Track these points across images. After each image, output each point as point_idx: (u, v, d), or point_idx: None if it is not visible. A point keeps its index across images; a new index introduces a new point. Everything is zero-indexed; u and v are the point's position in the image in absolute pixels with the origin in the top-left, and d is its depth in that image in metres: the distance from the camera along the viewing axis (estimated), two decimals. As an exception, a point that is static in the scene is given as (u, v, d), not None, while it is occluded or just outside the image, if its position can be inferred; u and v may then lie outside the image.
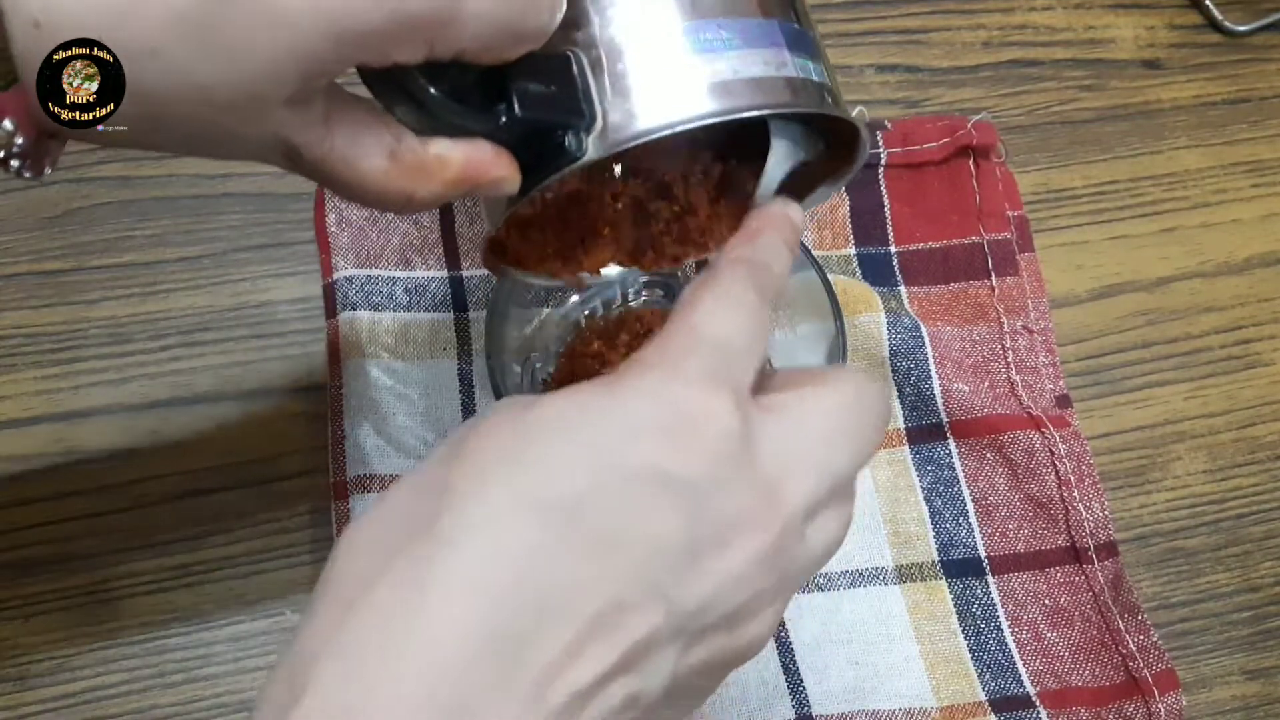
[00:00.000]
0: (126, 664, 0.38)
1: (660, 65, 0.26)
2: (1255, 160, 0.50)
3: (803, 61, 0.27)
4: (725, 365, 0.22)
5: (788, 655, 0.39)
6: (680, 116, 0.25)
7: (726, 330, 0.23)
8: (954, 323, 0.45)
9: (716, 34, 0.26)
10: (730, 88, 0.26)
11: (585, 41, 0.26)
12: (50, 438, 0.41)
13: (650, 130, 0.26)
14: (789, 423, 0.23)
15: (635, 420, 0.21)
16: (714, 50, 0.26)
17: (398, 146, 0.24)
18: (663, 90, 0.26)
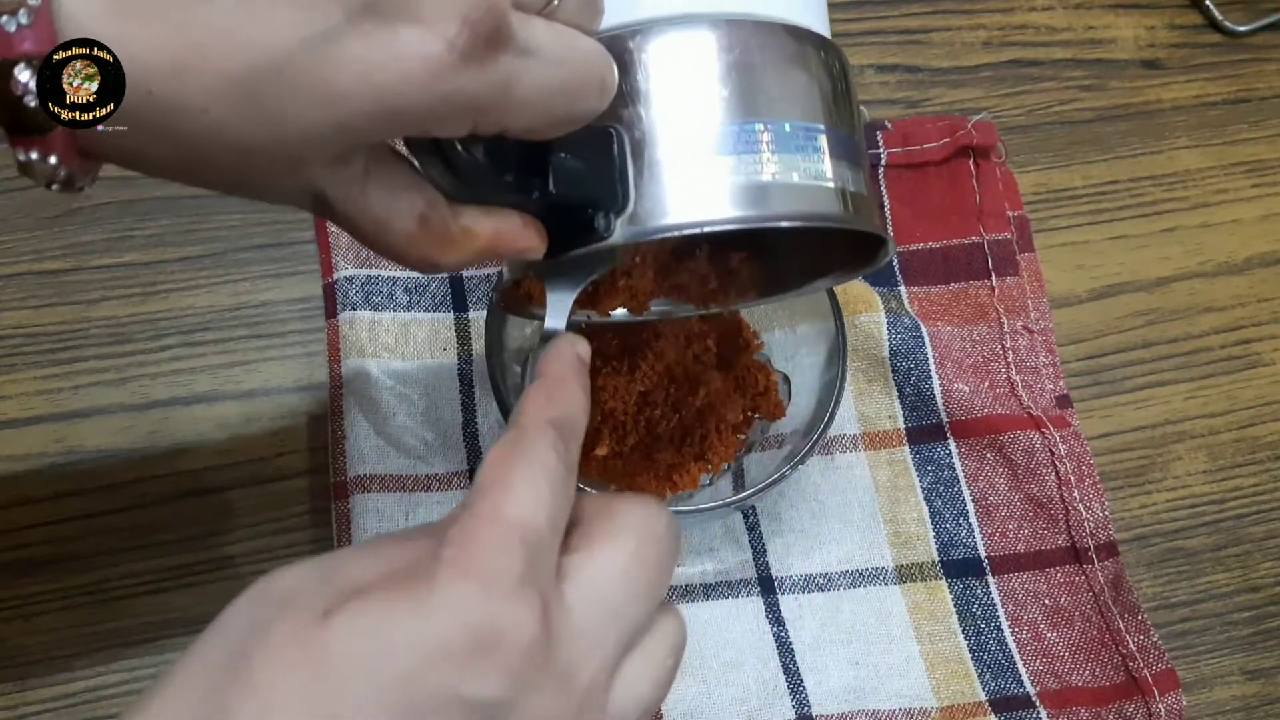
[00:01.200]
0: (126, 664, 0.38)
1: (694, 161, 0.26)
2: (1255, 160, 0.50)
3: (840, 169, 0.27)
4: (534, 563, 0.21)
5: (788, 655, 0.39)
6: (706, 217, 0.26)
7: (535, 516, 0.22)
8: (954, 323, 0.45)
9: (756, 135, 0.26)
10: (763, 193, 0.26)
11: (629, 120, 0.26)
12: (50, 437, 0.41)
13: (677, 227, 0.26)
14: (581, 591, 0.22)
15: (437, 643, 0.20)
16: (751, 152, 0.26)
17: (429, 214, 0.25)
18: (693, 188, 0.26)
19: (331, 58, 0.21)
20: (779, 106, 0.27)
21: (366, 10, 0.21)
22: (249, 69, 0.20)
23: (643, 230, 0.26)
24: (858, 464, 0.42)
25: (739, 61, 0.26)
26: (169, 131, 0.21)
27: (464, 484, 0.41)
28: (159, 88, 0.20)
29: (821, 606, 0.40)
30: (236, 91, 0.20)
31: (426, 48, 0.21)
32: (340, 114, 0.21)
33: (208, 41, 0.20)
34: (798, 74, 0.27)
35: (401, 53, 0.21)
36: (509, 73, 0.22)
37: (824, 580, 0.40)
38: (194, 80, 0.20)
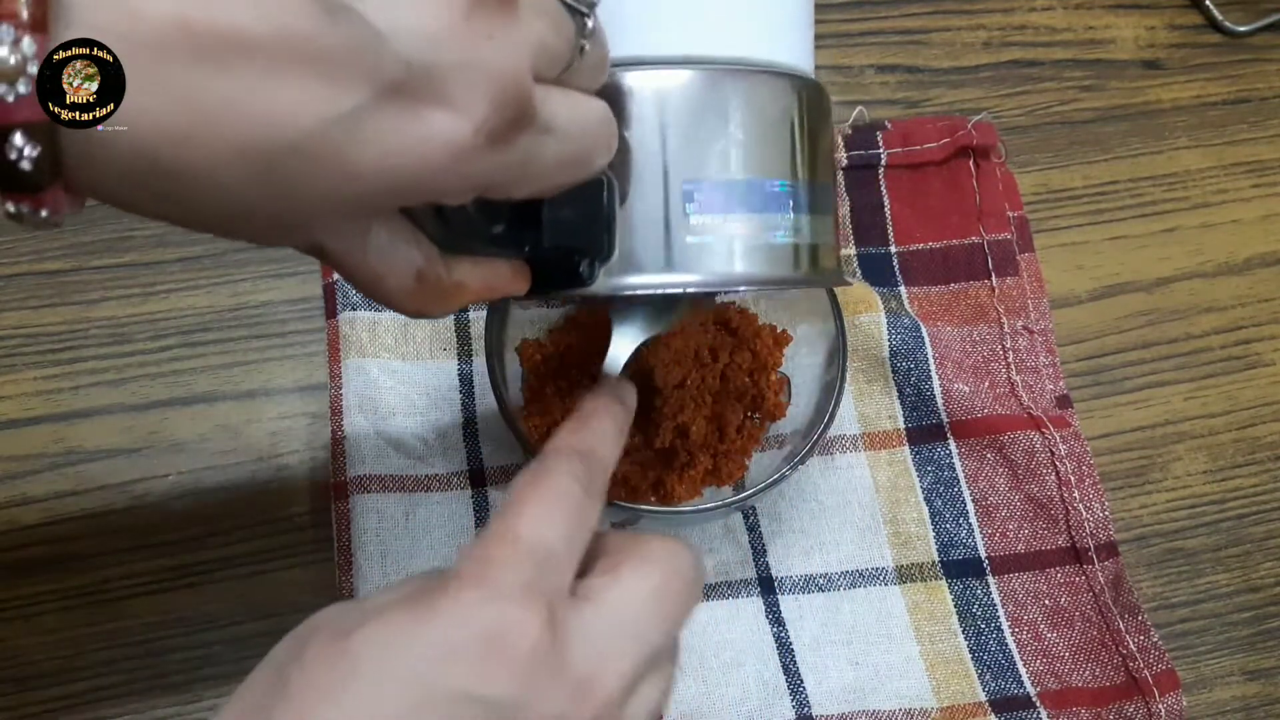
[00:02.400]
0: (126, 665, 0.38)
1: (658, 223, 0.26)
2: (1255, 160, 0.50)
3: (803, 221, 0.28)
4: (542, 574, 0.23)
5: (788, 655, 0.39)
6: (667, 280, 0.27)
7: (548, 535, 0.23)
8: (954, 323, 0.45)
9: (719, 193, 0.26)
10: (724, 255, 0.27)
11: (619, 169, 0.26)
12: (50, 438, 0.41)
13: (645, 287, 0.27)
14: (604, 610, 0.23)
15: (448, 646, 0.21)
16: (711, 211, 0.26)
17: (425, 269, 0.25)
18: (659, 248, 0.26)
19: (353, 137, 0.20)
20: (747, 162, 0.27)
21: (395, 90, 0.20)
22: (264, 143, 0.19)
23: (617, 285, 0.27)
24: (858, 464, 0.42)
25: (706, 115, 0.27)
26: (169, 192, 0.20)
27: (464, 484, 0.41)
28: (163, 155, 0.19)
29: (821, 607, 0.40)
30: (247, 164, 0.19)
31: (453, 133, 0.21)
32: (355, 190, 0.21)
33: (220, 113, 0.19)
34: (769, 126, 0.27)
35: (427, 137, 0.20)
36: (528, 152, 0.22)
37: (824, 580, 0.40)
38: (201, 150, 0.19)
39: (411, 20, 0.20)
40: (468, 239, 0.25)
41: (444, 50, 0.20)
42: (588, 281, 0.27)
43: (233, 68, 0.19)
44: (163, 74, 0.18)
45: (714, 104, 0.27)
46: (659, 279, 0.27)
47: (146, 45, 0.18)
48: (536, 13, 0.22)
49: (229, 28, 0.18)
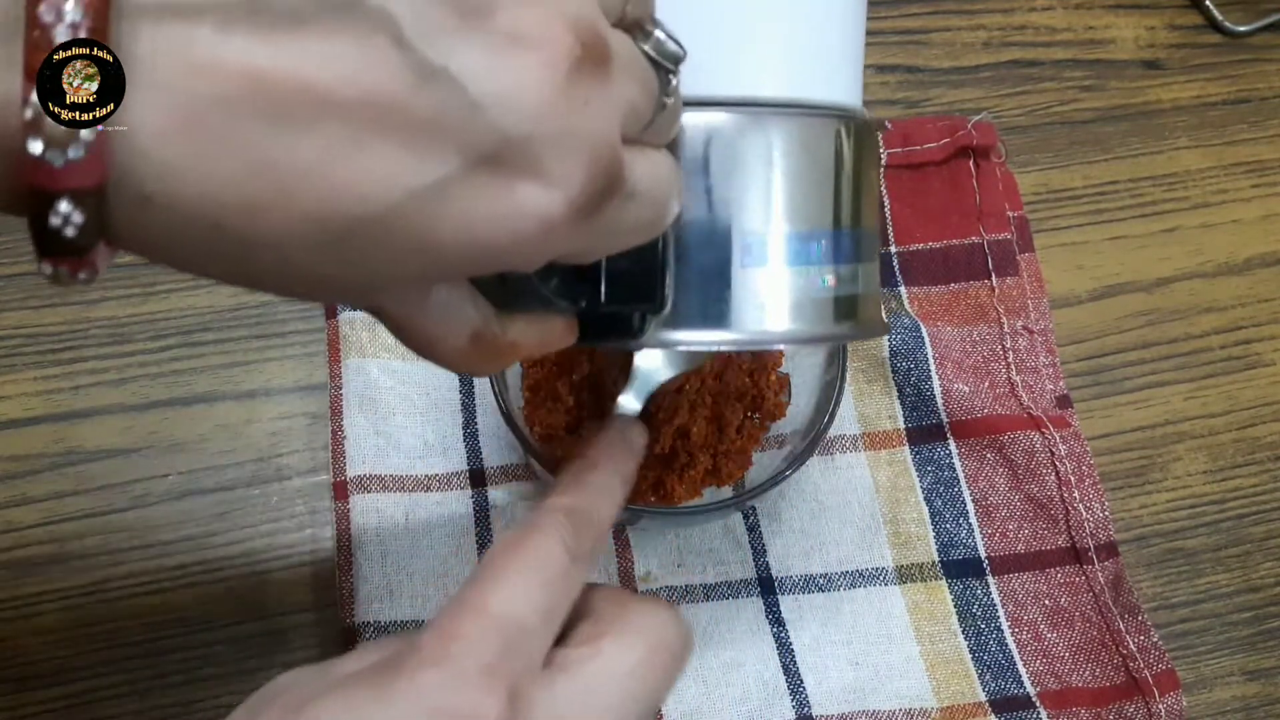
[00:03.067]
0: (126, 665, 0.38)
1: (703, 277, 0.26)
2: (1255, 161, 0.50)
3: (844, 271, 0.27)
4: (509, 652, 0.21)
5: (788, 655, 0.39)
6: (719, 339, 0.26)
7: (521, 608, 0.22)
8: (954, 323, 0.45)
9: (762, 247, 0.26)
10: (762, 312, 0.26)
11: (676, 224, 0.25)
12: (50, 438, 0.41)
13: (693, 344, 0.26)
14: (578, 686, 0.22)
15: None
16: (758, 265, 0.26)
17: (481, 330, 0.24)
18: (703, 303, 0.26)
19: (438, 210, 0.18)
20: (791, 213, 0.26)
21: (487, 162, 0.18)
22: (342, 215, 0.18)
23: (668, 339, 0.26)
24: (858, 464, 0.42)
25: (747, 161, 0.26)
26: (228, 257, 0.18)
27: (464, 484, 0.41)
28: (229, 223, 0.17)
29: (821, 607, 0.40)
30: (320, 235, 0.18)
31: (545, 207, 0.19)
32: (434, 262, 0.19)
33: (296, 181, 0.17)
34: (811, 171, 0.26)
35: (518, 212, 0.19)
36: (612, 219, 0.21)
37: (824, 581, 0.40)
38: (272, 220, 0.18)
39: (510, 87, 0.18)
40: (525, 298, 0.24)
41: (543, 120, 0.19)
42: (639, 335, 0.26)
43: (313, 131, 0.17)
44: (233, 135, 0.17)
45: (751, 149, 0.26)
46: (707, 336, 0.26)
47: (215, 103, 0.17)
48: (627, 72, 0.21)
49: (310, 86, 0.17)
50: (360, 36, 0.17)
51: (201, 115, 0.17)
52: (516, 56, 0.18)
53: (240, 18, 0.17)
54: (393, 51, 0.17)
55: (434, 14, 0.18)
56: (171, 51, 0.16)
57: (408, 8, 0.17)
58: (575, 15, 0.19)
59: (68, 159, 0.16)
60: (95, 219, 0.17)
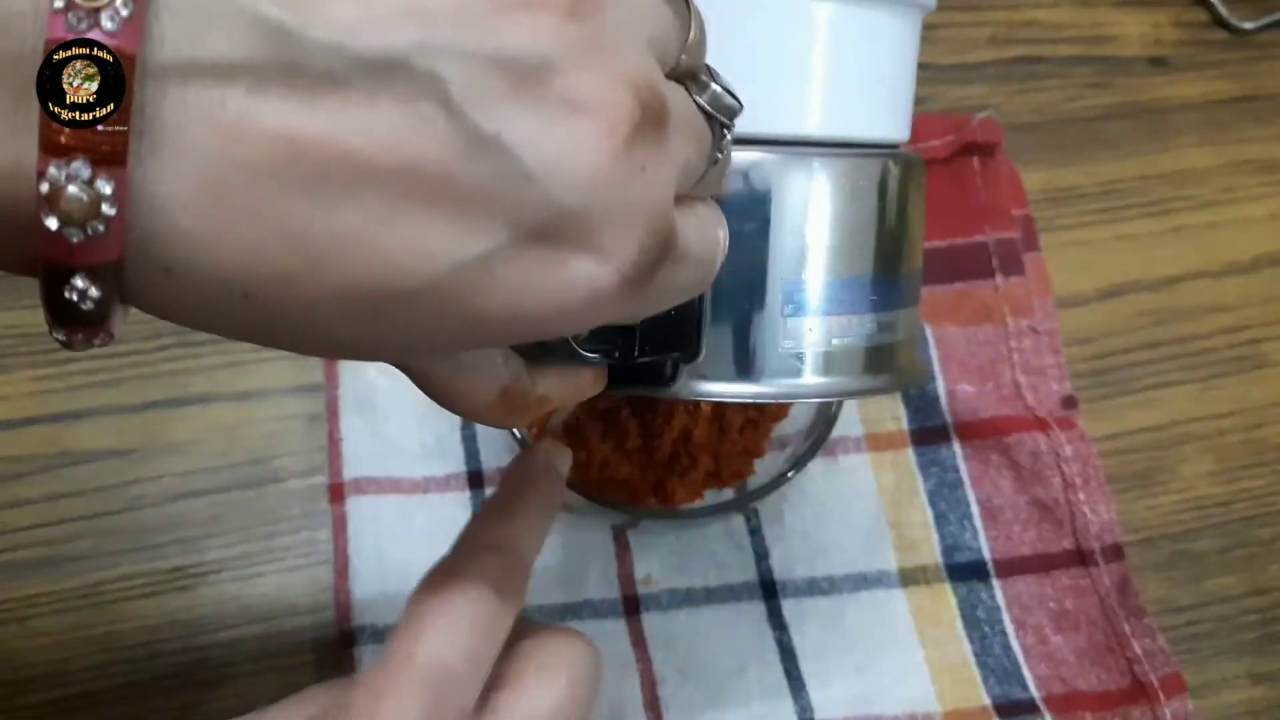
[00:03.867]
0: (121, 668, 0.38)
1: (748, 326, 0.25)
2: (1263, 159, 0.50)
3: (884, 319, 0.26)
4: (439, 702, 0.21)
5: (790, 659, 0.39)
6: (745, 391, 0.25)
7: (448, 655, 0.22)
8: (959, 323, 0.44)
9: (799, 296, 0.25)
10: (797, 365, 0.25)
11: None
12: (44, 439, 0.40)
13: (725, 396, 0.25)
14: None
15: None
16: (796, 315, 0.25)
17: (511, 386, 0.23)
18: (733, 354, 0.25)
19: (482, 284, 0.17)
20: (832, 260, 0.25)
21: (538, 235, 0.17)
22: (379, 290, 0.17)
23: (701, 390, 0.25)
24: (861, 466, 0.42)
25: (787, 204, 0.25)
26: (253, 323, 0.17)
27: (461, 486, 0.40)
28: (258, 294, 0.16)
29: (824, 610, 0.40)
30: (356, 307, 0.17)
31: (597, 280, 0.18)
32: (473, 335, 0.18)
33: (332, 253, 0.16)
34: (854, 216, 0.25)
35: (568, 286, 0.18)
36: (661, 284, 0.20)
37: (827, 584, 0.40)
38: (304, 290, 0.16)
39: (566, 157, 0.17)
40: (557, 353, 0.23)
41: (599, 191, 0.17)
42: (670, 384, 0.25)
43: (351, 202, 0.16)
44: (265, 206, 0.16)
45: (794, 192, 0.25)
46: (739, 389, 0.25)
47: (247, 171, 0.15)
48: (683, 130, 0.19)
49: (349, 154, 0.16)
50: (405, 101, 0.16)
51: (232, 184, 0.16)
52: (574, 123, 0.17)
53: (275, 79, 0.15)
54: (440, 117, 0.16)
55: (487, 79, 0.16)
56: (200, 115, 0.15)
57: (459, 71, 0.16)
58: (635, 74, 0.18)
59: (85, 235, 0.15)
60: (112, 291, 0.16)
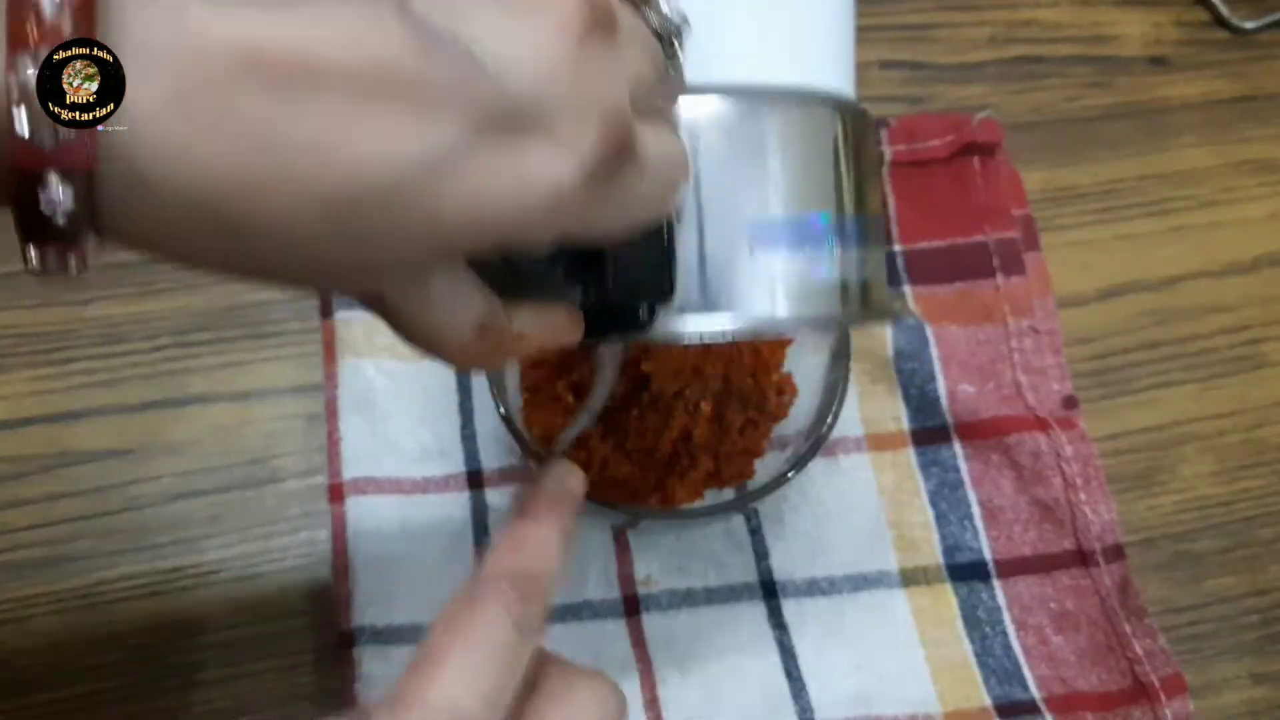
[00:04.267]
0: (120, 669, 0.38)
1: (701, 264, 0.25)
2: (1263, 159, 0.50)
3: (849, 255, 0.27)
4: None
5: (790, 660, 0.39)
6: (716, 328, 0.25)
7: (463, 698, 0.21)
8: (959, 323, 0.44)
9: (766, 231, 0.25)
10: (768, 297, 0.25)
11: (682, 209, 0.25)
12: (43, 439, 0.40)
13: (698, 334, 0.25)
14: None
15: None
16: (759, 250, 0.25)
17: (488, 321, 0.22)
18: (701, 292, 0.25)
19: (445, 183, 0.18)
20: (789, 197, 0.26)
21: (497, 128, 0.18)
22: (348, 194, 0.17)
23: (678, 332, 0.25)
24: (861, 466, 0.42)
25: (743, 147, 0.25)
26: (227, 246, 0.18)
27: (461, 486, 0.40)
28: (228, 206, 0.17)
29: (825, 611, 0.39)
30: (326, 215, 0.17)
31: (557, 173, 0.18)
32: (441, 239, 0.18)
33: (300, 161, 0.16)
34: (809, 157, 0.26)
35: (528, 178, 0.18)
36: (622, 190, 0.20)
37: (827, 584, 0.40)
38: (276, 202, 0.17)
39: (521, 50, 0.18)
40: (531, 287, 0.23)
41: (555, 82, 0.18)
42: (644, 324, 0.25)
43: (313, 103, 0.16)
44: (231, 111, 0.16)
45: (751, 135, 0.25)
46: (715, 324, 0.25)
47: (212, 77, 0.16)
48: (633, 41, 0.21)
49: (309, 57, 0.16)
50: (362, 4, 0.16)
51: (198, 93, 0.16)
52: (527, 20, 0.18)
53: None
54: (396, 18, 0.17)
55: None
56: (163, 28, 0.16)
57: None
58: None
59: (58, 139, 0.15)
60: (85, 204, 0.16)
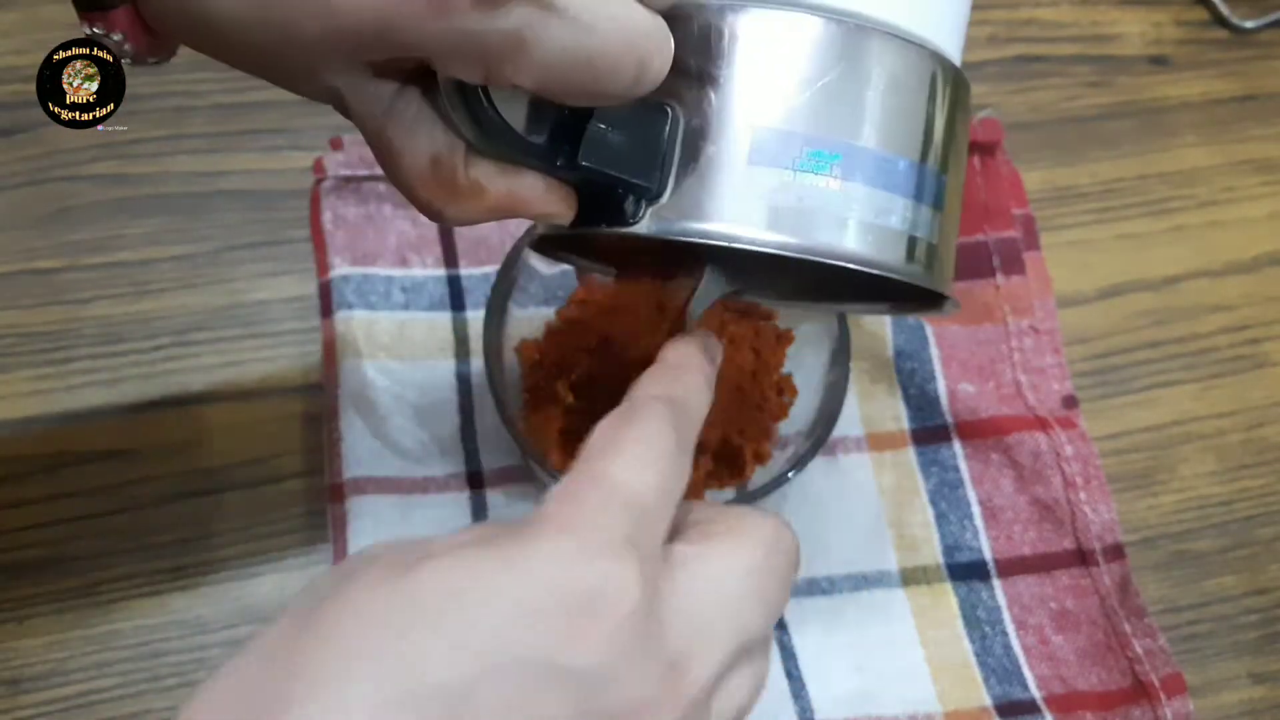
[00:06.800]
0: (120, 668, 0.38)
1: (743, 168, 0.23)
2: (1263, 158, 0.50)
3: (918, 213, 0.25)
4: (639, 527, 0.20)
5: (790, 660, 0.39)
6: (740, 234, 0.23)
7: (644, 484, 0.21)
8: (960, 322, 0.44)
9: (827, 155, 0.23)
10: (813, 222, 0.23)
11: (691, 101, 0.24)
12: (43, 439, 0.40)
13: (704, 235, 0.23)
14: (699, 582, 0.21)
15: (533, 600, 0.18)
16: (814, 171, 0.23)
17: (444, 158, 0.23)
18: (734, 197, 0.23)
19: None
20: (866, 130, 0.24)
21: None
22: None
23: (669, 228, 0.24)
24: (861, 466, 0.42)
25: (837, 67, 0.23)
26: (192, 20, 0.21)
27: (461, 486, 0.40)
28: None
29: (825, 611, 0.39)
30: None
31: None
32: (341, 29, 0.20)
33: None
34: (903, 98, 0.24)
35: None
36: (522, 25, 0.20)
37: (827, 584, 0.40)
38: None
39: None
40: (496, 142, 0.23)
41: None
42: (631, 221, 0.24)
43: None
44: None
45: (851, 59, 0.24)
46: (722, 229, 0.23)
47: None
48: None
49: None
50: None
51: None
52: None
53: None
54: None
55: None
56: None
57: None
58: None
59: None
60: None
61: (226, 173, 0.45)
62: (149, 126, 0.45)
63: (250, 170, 0.45)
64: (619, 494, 0.20)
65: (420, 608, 0.18)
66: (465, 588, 0.18)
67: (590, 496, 0.20)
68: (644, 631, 0.19)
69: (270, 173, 0.45)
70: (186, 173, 0.45)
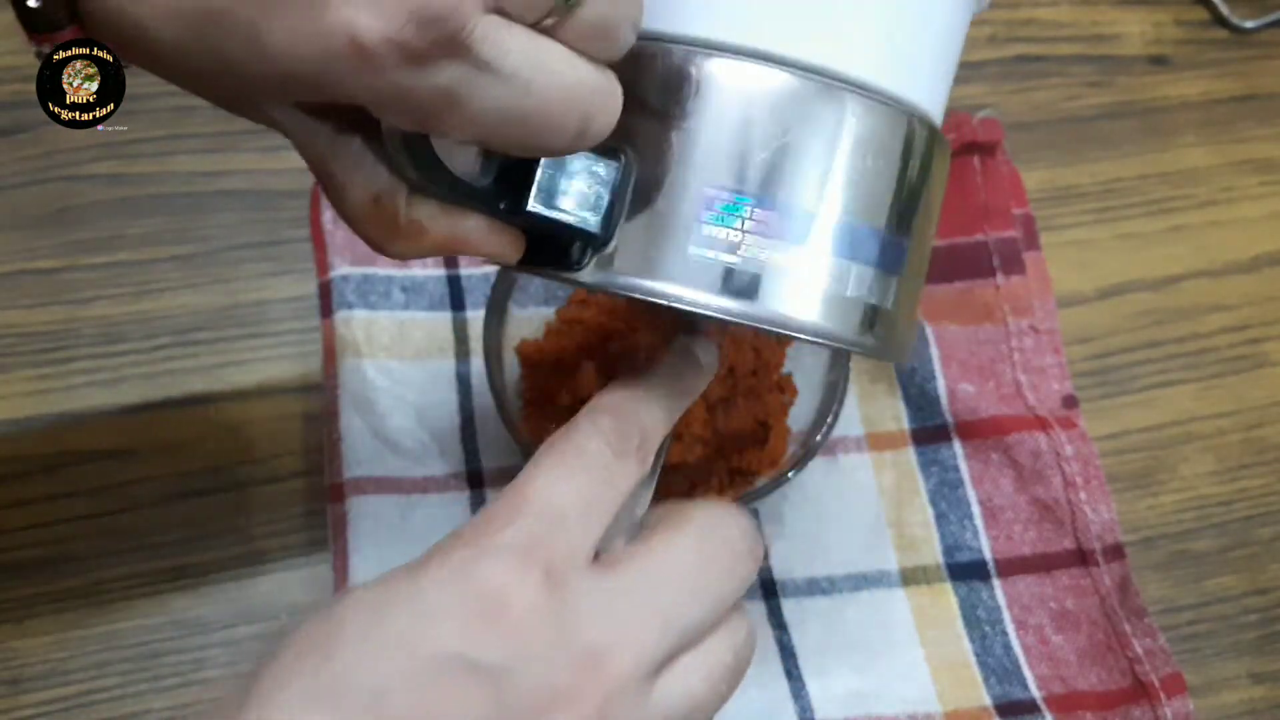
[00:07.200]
0: (120, 667, 0.38)
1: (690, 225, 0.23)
2: (1263, 158, 0.50)
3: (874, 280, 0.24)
4: (544, 536, 0.22)
5: (790, 660, 0.39)
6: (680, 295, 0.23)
7: (558, 497, 0.22)
8: (959, 322, 0.44)
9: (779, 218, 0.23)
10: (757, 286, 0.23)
11: (648, 147, 0.23)
12: (43, 438, 0.40)
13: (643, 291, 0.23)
14: (625, 579, 0.22)
15: (435, 605, 0.21)
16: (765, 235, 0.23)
17: (385, 196, 0.23)
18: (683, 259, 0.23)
19: (267, 17, 0.19)
20: (825, 193, 0.23)
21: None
22: (193, 7, 0.20)
23: (611, 281, 0.23)
24: (861, 466, 0.42)
25: (801, 127, 0.23)
26: (136, 41, 0.20)
27: (462, 486, 0.40)
28: (125, 7, 0.20)
29: (825, 610, 0.39)
30: (184, 24, 0.20)
31: (363, 33, 0.19)
32: (276, 72, 0.20)
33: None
34: (869, 160, 0.23)
35: (329, 30, 0.19)
36: (453, 83, 0.20)
37: (827, 584, 0.40)
38: (144, 7, 0.20)
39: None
40: (440, 186, 0.23)
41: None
42: (574, 268, 0.24)
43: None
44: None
45: (815, 119, 0.23)
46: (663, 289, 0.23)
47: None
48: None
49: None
50: None
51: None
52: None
53: None
54: None
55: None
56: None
57: None
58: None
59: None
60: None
61: (226, 173, 0.45)
62: (149, 126, 0.45)
63: (250, 170, 0.45)
64: (529, 507, 0.22)
65: (341, 626, 0.21)
66: (380, 602, 0.21)
67: (499, 511, 0.22)
68: (547, 625, 0.21)
69: (270, 173, 0.45)
70: (186, 173, 0.45)
